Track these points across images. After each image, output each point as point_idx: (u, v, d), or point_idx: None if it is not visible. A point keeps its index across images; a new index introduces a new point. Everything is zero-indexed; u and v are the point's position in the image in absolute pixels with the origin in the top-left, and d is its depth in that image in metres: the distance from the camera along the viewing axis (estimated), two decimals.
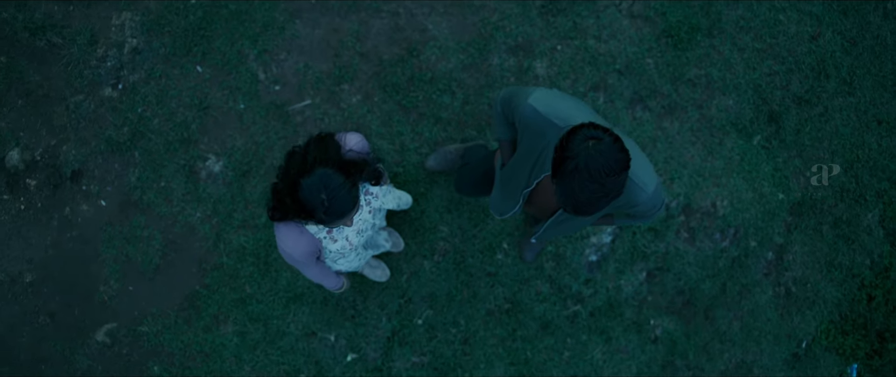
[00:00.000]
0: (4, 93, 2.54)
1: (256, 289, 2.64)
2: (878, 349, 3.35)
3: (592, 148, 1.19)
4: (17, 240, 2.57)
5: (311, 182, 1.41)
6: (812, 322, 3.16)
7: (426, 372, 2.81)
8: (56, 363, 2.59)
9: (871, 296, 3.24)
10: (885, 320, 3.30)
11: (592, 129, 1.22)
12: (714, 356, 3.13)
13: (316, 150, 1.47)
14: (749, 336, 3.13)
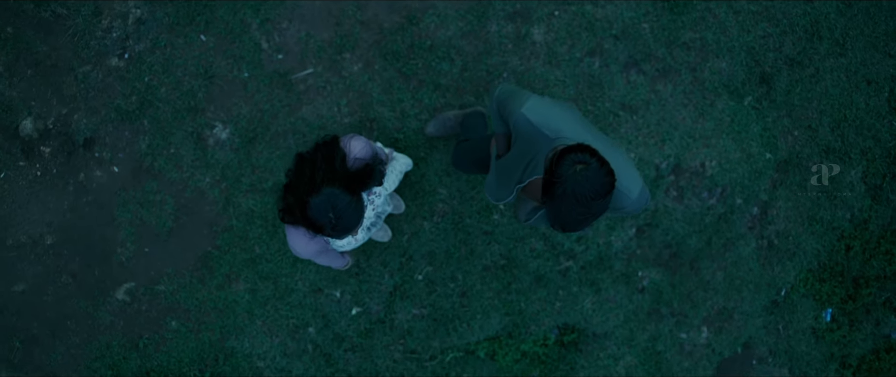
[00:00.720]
0: (13, 63, 2.99)
1: (265, 249, 3.21)
2: (852, 294, 4.04)
3: (580, 173, 1.53)
4: (36, 205, 3.10)
5: (320, 201, 1.76)
6: (791, 271, 3.82)
7: (426, 323, 3.46)
8: (80, 319, 3.19)
9: (849, 247, 3.90)
10: (861, 268, 3.97)
11: (580, 154, 1.56)
12: (697, 303, 3.79)
13: (323, 163, 1.85)
14: (731, 285, 3.79)
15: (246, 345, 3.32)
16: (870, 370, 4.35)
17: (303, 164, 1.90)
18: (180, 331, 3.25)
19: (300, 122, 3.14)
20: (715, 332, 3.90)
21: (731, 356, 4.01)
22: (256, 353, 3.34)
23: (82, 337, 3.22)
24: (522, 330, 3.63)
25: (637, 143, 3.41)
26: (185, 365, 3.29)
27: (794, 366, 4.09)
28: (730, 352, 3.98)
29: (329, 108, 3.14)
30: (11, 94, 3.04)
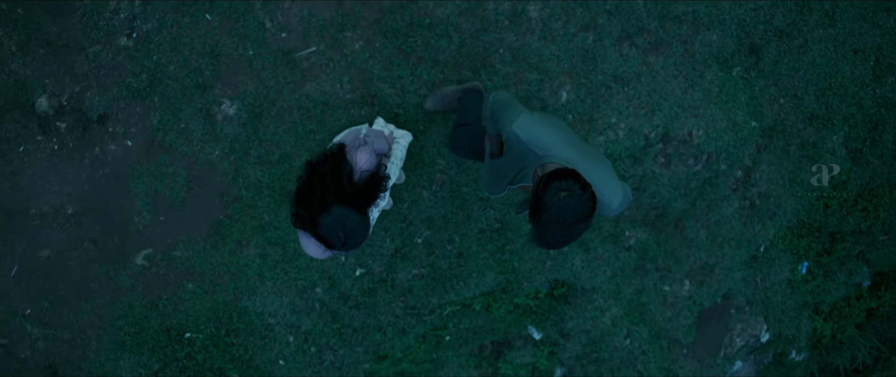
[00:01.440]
0: (26, 43, 3.56)
1: (274, 217, 3.92)
2: (828, 248, 4.87)
3: (563, 200, 2.02)
4: (55, 177, 3.75)
5: (330, 221, 2.29)
6: (771, 229, 4.62)
7: (425, 282, 4.24)
8: (103, 282, 3.93)
9: (827, 205, 4.68)
10: (838, 224, 4.78)
11: (564, 181, 2.05)
12: (681, 259, 4.60)
13: (333, 182, 2.39)
14: (714, 242, 4.58)
15: (258, 304, 4.09)
16: (840, 315, 5.26)
17: (313, 175, 2.47)
18: (196, 293, 4.01)
19: (304, 97, 3.76)
20: (696, 285, 4.73)
21: (711, 306, 4.87)
22: (268, 311, 4.12)
23: (106, 298, 3.97)
24: (515, 286, 4.43)
25: (627, 113, 4.07)
26: (202, 323, 4.07)
27: (770, 314, 4.97)
28: (710, 304, 4.84)
29: (332, 85, 3.75)
30: (26, 72, 3.61)
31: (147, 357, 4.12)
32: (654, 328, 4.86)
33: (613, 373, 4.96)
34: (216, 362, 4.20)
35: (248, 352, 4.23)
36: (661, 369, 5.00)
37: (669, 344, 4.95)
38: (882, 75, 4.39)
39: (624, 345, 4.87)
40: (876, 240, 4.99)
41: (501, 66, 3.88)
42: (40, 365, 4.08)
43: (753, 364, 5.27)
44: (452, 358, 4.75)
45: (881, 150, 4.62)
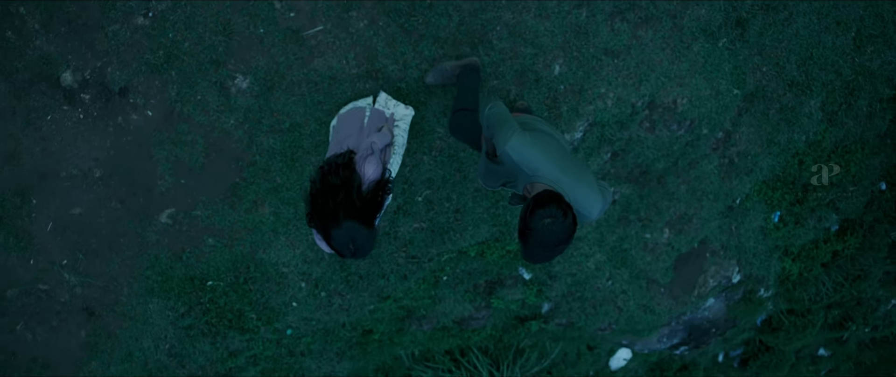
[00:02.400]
0: (48, 21, 3.81)
1: (286, 179, 4.31)
2: (800, 199, 5.29)
3: (548, 226, 2.34)
4: (82, 143, 4.10)
5: (341, 234, 2.62)
6: (748, 184, 5.03)
7: (425, 234, 4.68)
8: (131, 237, 4.36)
9: (801, 162, 5.07)
10: (809, 178, 5.15)
11: (549, 208, 2.53)
12: (662, 210, 5.03)
13: (344, 197, 2.70)
14: (693, 195, 5.00)
15: (273, 256, 4.55)
16: (808, 257, 5.77)
17: (326, 185, 2.82)
18: (216, 247, 4.45)
19: (313, 72, 4.05)
20: (675, 233, 5.19)
21: (688, 251, 5.35)
22: (282, 262, 4.59)
23: (134, 251, 4.41)
24: (508, 236, 4.88)
25: (616, 84, 4.37)
26: (223, 272, 4.54)
27: (742, 257, 5.47)
28: (687, 249, 5.32)
29: (338, 61, 4.04)
30: (49, 48, 3.89)
31: (174, 301, 4.61)
32: (634, 270, 5.36)
33: (595, 309, 5.51)
34: (236, 305, 4.71)
35: (264, 297, 4.73)
36: (639, 306, 5.55)
37: (648, 284, 5.47)
38: (862, 45, 4.65)
39: (606, 286, 5.39)
40: (846, 190, 5.41)
41: (498, 42, 4.14)
42: (78, 307, 4.59)
43: (724, 300, 5.83)
44: (449, 294, 5.28)
45: (856, 113, 4.95)
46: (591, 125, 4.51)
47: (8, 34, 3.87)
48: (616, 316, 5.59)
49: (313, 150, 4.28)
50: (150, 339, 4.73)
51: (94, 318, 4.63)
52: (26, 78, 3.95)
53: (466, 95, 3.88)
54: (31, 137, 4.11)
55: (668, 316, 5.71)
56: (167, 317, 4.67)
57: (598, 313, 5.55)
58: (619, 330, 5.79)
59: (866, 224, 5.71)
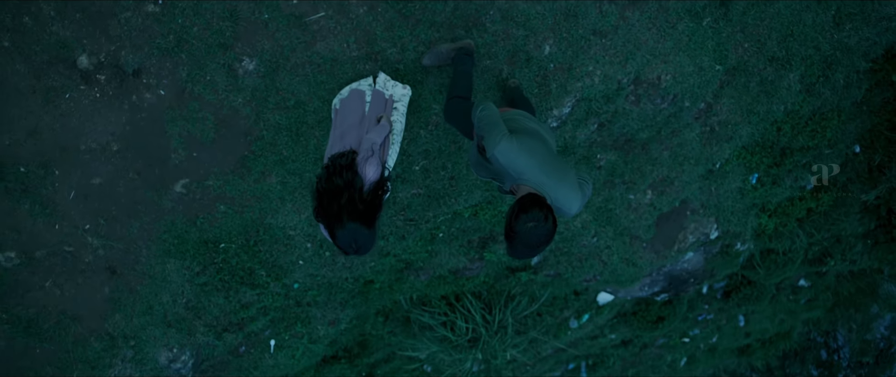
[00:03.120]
0: (63, 8, 4.05)
1: (291, 152, 4.63)
2: (778, 162, 5.64)
3: (531, 229, 2.67)
4: (100, 119, 4.41)
5: (345, 234, 2.98)
6: (727, 150, 5.36)
7: (422, 199, 5.05)
8: (148, 204, 4.72)
9: (780, 128, 5.38)
10: (788, 142, 5.51)
11: (532, 212, 2.90)
12: (645, 174, 5.38)
13: (347, 201, 3.05)
14: (675, 160, 5.34)
15: (280, 220, 4.93)
16: (784, 213, 6.16)
17: (331, 186, 3.16)
18: (228, 213, 4.82)
19: (315, 55, 4.31)
20: (657, 194, 5.55)
21: (669, 210, 5.73)
22: (288, 226, 4.97)
23: (151, 217, 4.78)
24: (499, 199, 5.24)
25: (603, 62, 4.64)
26: (234, 235, 4.93)
27: (721, 215, 5.85)
28: (668, 208, 5.70)
29: (339, 45, 4.29)
30: (65, 33, 4.13)
31: (189, 261, 5.02)
32: (618, 228, 5.75)
33: (581, 262, 5.94)
34: (246, 264, 5.12)
35: (272, 256, 5.14)
36: (622, 260, 5.98)
37: (631, 240, 5.87)
38: (841, 22, 4.88)
39: (591, 242, 5.80)
40: (822, 153, 5.74)
41: (491, 25, 4.38)
42: (101, 267, 4.99)
43: (703, 254, 6.25)
44: (444, 249, 5.70)
45: (833, 84, 5.22)
46: (578, 100, 4.79)
47: (25, 20, 4.11)
48: (600, 268, 6.03)
49: (317, 126, 4.58)
50: (169, 295, 5.16)
51: (116, 276, 5.04)
52: (44, 60, 4.21)
53: (461, 81, 4.16)
54: (50, 114, 4.40)
55: (649, 268, 6.14)
56: (184, 275, 5.09)
57: (584, 266, 5.98)
58: (603, 280, 6.24)
59: (840, 183, 6.06)
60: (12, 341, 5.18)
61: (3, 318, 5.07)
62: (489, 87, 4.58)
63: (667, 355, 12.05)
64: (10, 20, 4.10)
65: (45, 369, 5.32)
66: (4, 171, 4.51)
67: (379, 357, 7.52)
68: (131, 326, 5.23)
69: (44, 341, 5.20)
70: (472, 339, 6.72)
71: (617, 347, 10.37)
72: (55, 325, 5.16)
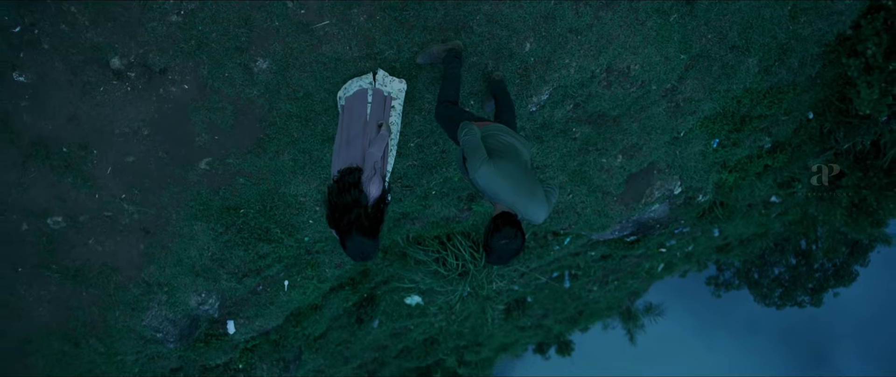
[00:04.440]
0: (96, 18, 4.59)
1: (301, 134, 5.28)
2: (738, 128, 6.29)
3: (504, 246, 3.47)
4: (131, 109, 5.03)
5: (353, 245, 3.62)
6: (691, 121, 6.01)
7: (417, 169, 5.75)
8: (176, 178, 5.42)
9: (739, 101, 6.00)
10: (747, 111, 6.14)
11: (505, 230, 3.67)
12: (616, 142, 6.07)
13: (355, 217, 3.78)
14: (643, 130, 6.00)
15: (292, 189, 5.64)
16: (743, 169, 6.87)
17: (341, 202, 3.86)
18: (246, 184, 5.53)
19: (321, 56, 4.88)
20: (627, 158, 6.25)
21: (638, 171, 6.43)
22: (299, 194, 5.69)
23: (179, 188, 5.49)
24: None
25: (578, 55, 5.21)
26: (252, 202, 5.65)
27: (684, 174, 6.57)
28: (637, 169, 6.40)
29: (343, 47, 4.85)
30: (98, 39, 4.69)
31: (213, 223, 5.77)
32: (591, 186, 6.48)
33: (558, 214, 6.70)
34: (263, 224, 5.88)
35: (286, 217, 5.90)
36: (595, 212, 6.74)
37: (603, 195, 6.61)
38: (797, 15, 5.40)
39: (567, 199, 6.54)
40: (779, 119, 6.38)
41: (478, 28, 4.92)
42: (137, 228, 5.75)
43: (668, 205, 7.01)
44: (437, 203, 6.44)
45: (788, 66, 5.80)
46: (556, 88, 5.39)
47: (62, 27, 4.64)
48: (575, 219, 6.80)
49: (324, 113, 5.20)
50: (196, 250, 5.95)
51: (149, 235, 5.81)
52: (80, 60, 4.78)
53: (449, 86, 4.75)
54: (87, 104, 5.00)
55: (619, 218, 6.92)
56: (209, 235, 5.85)
57: (561, 217, 6.75)
58: (578, 228, 7.03)
59: (794, 144, 6.73)
60: (63, 286, 6.02)
61: (54, 269, 5.88)
62: (476, 79, 5.17)
63: (645, 263, 13.09)
64: (49, 26, 4.63)
65: (91, 309, 6.20)
66: (49, 151, 5.17)
67: (378, 280, 8.45)
68: (165, 275, 6.06)
69: (89, 286, 6.04)
70: (462, 273, 7.59)
71: (597, 261, 11.34)
72: (98, 274, 5.98)
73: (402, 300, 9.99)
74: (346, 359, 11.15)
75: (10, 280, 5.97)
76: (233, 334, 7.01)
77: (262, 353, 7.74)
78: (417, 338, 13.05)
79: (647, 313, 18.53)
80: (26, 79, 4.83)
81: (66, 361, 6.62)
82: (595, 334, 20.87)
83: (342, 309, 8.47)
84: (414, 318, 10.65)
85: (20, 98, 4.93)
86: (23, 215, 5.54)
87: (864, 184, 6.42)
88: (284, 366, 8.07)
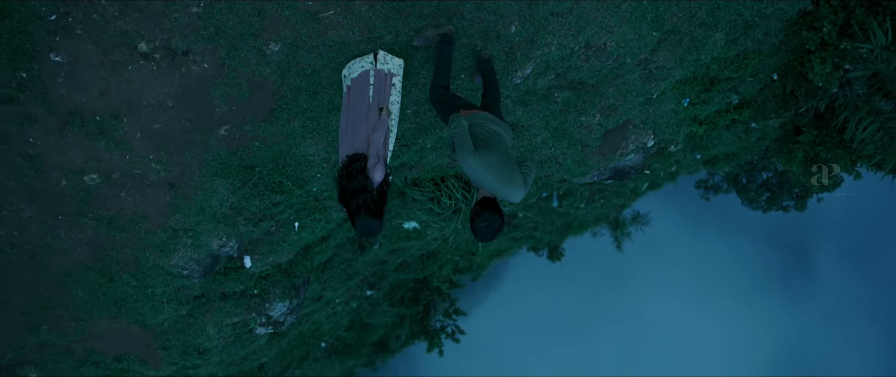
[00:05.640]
0: (124, 9, 5.14)
1: (310, 105, 5.92)
2: (707, 88, 6.92)
3: (486, 228, 4.20)
4: (157, 84, 5.65)
5: (361, 224, 4.25)
6: (663, 85, 6.62)
7: (413, 130, 6.43)
8: (198, 142, 6.08)
9: (708, 67, 6.60)
10: (716, 74, 6.74)
11: (486, 213, 4.39)
12: (594, 103, 6.72)
13: (362, 201, 4.50)
14: (619, 93, 6.64)
15: (302, 150, 6.32)
16: (712, 123, 7.53)
17: (349, 187, 4.57)
18: (261, 147, 6.20)
19: (327, 40, 5.45)
20: (605, 116, 6.90)
21: (614, 127, 7.09)
22: (309, 153, 6.37)
23: (201, 150, 6.16)
24: None
25: (559, 35, 5.77)
26: (267, 162, 6.34)
27: (657, 128, 7.24)
28: (613, 125, 7.05)
29: (346, 32, 5.42)
30: (127, 27, 5.25)
31: (232, 179, 6.48)
32: (571, 141, 7.15)
33: (542, 164, 7.41)
34: (276, 179, 6.59)
35: (297, 173, 6.60)
36: (575, 162, 7.44)
37: (582, 148, 7.30)
38: None
39: (549, 152, 7.22)
40: (745, 80, 6.99)
41: (468, 14, 5.46)
42: (163, 183, 6.46)
43: (642, 155, 7.70)
44: (431, 154, 7.14)
45: (753, 38, 6.35)
46: (538, 63, 5.97)
47: (94, 17, 5.18)
48: (557, 168, 7.51)
49: (329, 87, 5.80)
50: (217, 201, 6.69)
51: (175, 189, 6.53)
52: (110, 44, 5.35)
53: (442, 70, 5.34)
54: (117, 80, 5.60)
55: (597, 166, 7.62)
56: (228, 189, 6.57)
57: (543, 167, 7.46)
58: (560, 175, 7.75)
59: (759, 101, 7.34)
60: (98, 231, 6.79)
61: (90, 217, 6.63)
62: (466, 56, 5.75)
63: (629, 183, 13.88)
64: (82, 16, 5.18)
65: (124, 251, 7.00)
66: (85, 120, 5.81)
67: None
68: (189, 222, 6.82)
69: (122, 232, 6.82)
70: (455, 210, 8.36)
71: (584, 185, 12.10)
72: (130, 222, 6.74)
73: (400, 225, 10.83)
74: (349, 275, 12.12)
75: (52, 225, 6.73)
76: (249, 267, 7.86)
77: (275, 280, 8.63)
78: (415, 254, 14.01)
79: (633, 222, 19.50)
80: (62, 58, 5.41)
81: (101, 292, 7.49)
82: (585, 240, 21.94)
83: (346, 238, 9.30)
84: (411, 240, 11.52)
85: (57, 75, 5.52)
86: (62, 173, 6.23)
87: (818, 141, 7.09)
88: (294, 291, 8.99)
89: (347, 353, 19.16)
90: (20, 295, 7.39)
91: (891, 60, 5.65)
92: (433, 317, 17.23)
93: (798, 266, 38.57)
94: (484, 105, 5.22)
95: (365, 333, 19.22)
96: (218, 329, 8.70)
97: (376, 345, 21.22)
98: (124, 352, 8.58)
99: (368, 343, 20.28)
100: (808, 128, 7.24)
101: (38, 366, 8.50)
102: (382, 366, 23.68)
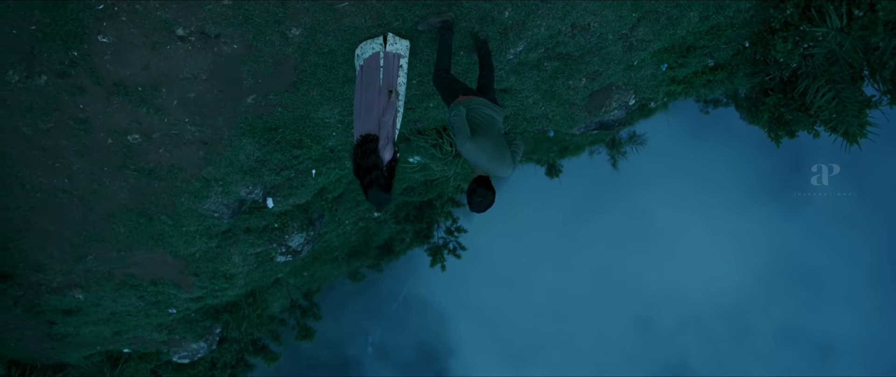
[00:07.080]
0: (165, 2, 5.88)
1: (326, 78, 6.72)
2: (684, 54, 7.67)
3: (480, 202, 5.13)
4: (192, 61, 6.43)
5: (373, 196, 5.24)
6: (643, 54, 7.38)
7: (419, 96, 7.25)
8: (228, 109, 6.91)
9: (684, 39, 7.32)
10: (692, 43, 7.48)
11: (480, 190, 5.27)
12: (580, 70, 7.50)
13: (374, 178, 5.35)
14: (603, 62, 7.41)
15: (320, 114, 7.15)
16: (689, 83, 8.28)
17: (363, 165, 5.45)
18: (284, 112, 7.03)
19: (342, 25, 6.19)
20: (590, 80, 7.68)
21: (599, 89, 7.87)
22: (326, 116, 7.21)
23: (230, 115, 7.00)
24: None
25: (548, 17, 6.49)
26: (288, 123, 7.19)
27: (638, 89, 8.03)
28: (598, 88, 7.84)
29: (359, 19, 6.15)
30: (166, 15, 5.99)
31: (258, 138, 7.34)
32: (560, 100, 7.95)
33: (533, 121, 8.22)
34: (297, 137, 7.45)
35: (315, 132, 7.45)
36: (563, 117, 8.26)
37: (570, 106, 8.09)
38: None
39: (540, 111, 8.03)
40: (719, 47, 7.70)
41: (466, 2, 6.17)
42: (198, 141, 7.32)
43: (625, 111, 8.49)
44: (434, 111, 7.96)
45: (724, 15, 7.04)
46: (529, 42, 6.70)
47: (137, 7, 5.91)
48: (547, 123, 8.32)
49: (344, 63, 6.57)
50: (244, 155, 7.57)
51: (207, 146, 7.40)
52: (151, 28, 6.10)
53: (444, 54, 6.10)
54: (156, 57, 6.38)
55: (584, 121, 8.43)
56: (254, 145, 7.44)
57: (535, 122, 8.27)
58: (550, 127, 8.57)
59: (732, 65, 8.06)
60: (139, 180, 7.72)
61: (132, 168, 7.54)
62: (465, 36, 6.49)
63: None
64: (126, 7, 5.91)
65: (162, 196, 7.95)
66: (128, 90, 6.62)
67: None
68: (220, 173, 7.73)
69: (160, 180, 7.74)
70: (456, 155, 9.24)
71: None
72: (167, 172, 7.65)
73: (405, 159, 11.74)
74: (358, 202, 13.14)
75: (98, 175, 7.64)
76: (271, 207, 8.83)
77: (293, 216, 9.63)
78: (418, 179, 15.00)
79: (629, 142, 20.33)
80: (108, 40, 6.17)
81: (141, 230, 8.50)
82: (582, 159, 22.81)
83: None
84: (416, 172, 12.47)
85: (104, 53, 6.29)
86: (108, 133, 7.09)
87: (783, 103, 7.83)
88: (311, 224, 10.01)
89: (354, 255, 20.38)
90: (70, 230, 8.40)
91: (843, 42, 6.35)
92: (436, 233, 18.35)
93: (793, 171, 39.50)
94: (479, 87, 6.00)
95: (371, 238, 20.42)
96: (243, 258, 9.78)
97: (382, 249, 22.44)
98: (160, 278, 9.70)
99: (374, 246, 21.51)
100: (775, 91, 7.98)
101: (84, 289, 9.65)
102: (387, 267, 25.01)
